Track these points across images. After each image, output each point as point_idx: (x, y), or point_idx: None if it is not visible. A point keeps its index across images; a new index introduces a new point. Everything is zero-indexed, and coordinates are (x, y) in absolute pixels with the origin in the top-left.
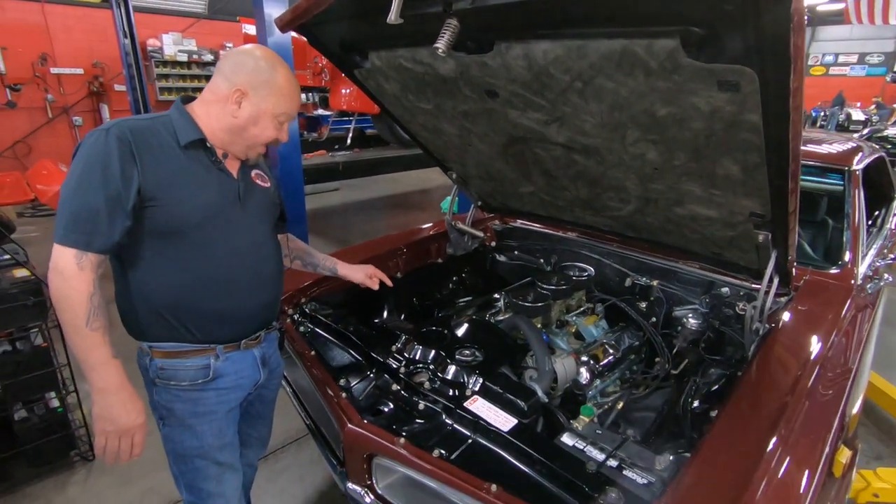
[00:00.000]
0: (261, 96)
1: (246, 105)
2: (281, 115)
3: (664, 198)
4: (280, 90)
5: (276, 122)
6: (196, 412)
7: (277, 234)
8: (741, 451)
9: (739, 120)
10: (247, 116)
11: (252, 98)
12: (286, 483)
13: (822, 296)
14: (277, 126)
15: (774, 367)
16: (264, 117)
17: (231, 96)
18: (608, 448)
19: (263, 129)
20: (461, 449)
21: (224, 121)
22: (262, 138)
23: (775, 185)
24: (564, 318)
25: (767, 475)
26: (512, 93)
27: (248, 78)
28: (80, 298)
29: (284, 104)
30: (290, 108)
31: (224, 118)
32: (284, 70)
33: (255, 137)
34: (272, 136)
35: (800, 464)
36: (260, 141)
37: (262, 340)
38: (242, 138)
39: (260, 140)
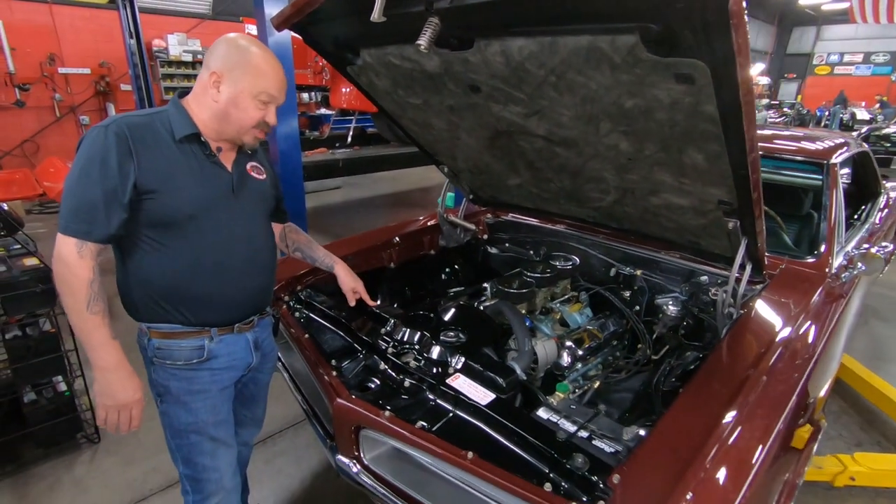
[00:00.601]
0: (236, 77)
1: (224, 88)
2: (261, 94)
3: (640, 188)
4: (255, 69)
5: (258, 102)
6: (191, 390)
7: (280, 225)
8: (699, 422)
9: (698, 111)
10: (226, 99)
11: (228, 80)
12: (283, 464)
13: (794, 284)
14: (259, 106)
15: (740, 347)
16: (242, 97)
17: (209, 81)
18: (580, 421)
19: (245, 110)
20: (442, 422)
21: (209, 108)
22: (246, 120)
23: (738, 173)
24: (549, 306)
25: (720, 441)
26: (493, 87)
27: (222, 61)
28: (81, 284)
29: (262, 82)
30: (268, 86)
31: (208, 105)
32: (259, 49)
33: (239, 120)
34: (256, 116)
35: (753, 433)
36: (246, 123)
37: (255, 325)
38: (229, 123)
39: (245, 122)
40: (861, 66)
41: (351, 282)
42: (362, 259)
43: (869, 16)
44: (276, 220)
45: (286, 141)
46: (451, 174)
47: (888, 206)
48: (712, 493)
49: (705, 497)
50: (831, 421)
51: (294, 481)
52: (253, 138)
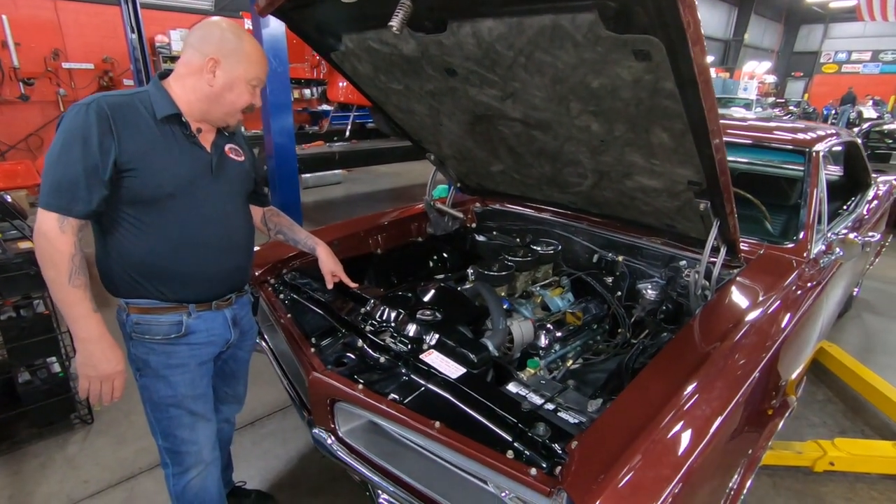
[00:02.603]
0: (232, 63)
1: (220, 73)
2: (253, 80)
3: (614, 170)
4: (249, 56)
5: (250, 87)
6: (169, 364)
7: (261, 209)
8: (659, 392)
9: (658, 88)
10: (222, 84)
11: (224, 65)
12: (270, 445)
13: (771, 268)
14: (251, 91)
15: (708, 326)
16: (238, 83)
17: (205, 66)
18: (547, 394)
19: (239, 95)
20: (414, 395)
21: (201, 91)
22: (238, 104)
23: (704, 152)
24: (530, 290)
25: (676, 409)
26: (468, 70)
27: (218, 47)
28: (63, 258)
29: (255, 69)
30: (260, 73)
31: (200, 88)
32: (249, 38)
33: (231, 104)
34: (248, 100)
35: (710, 403)
36: (237, 107)
37: (233, 303)
38: (220, 105)
39: (237, 106)
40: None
41: (331, 264)
42: (348, 245)
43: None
44: (256, 203)
45: (281, 134)
46: (437, 161)
47: (877, 197)
48: (663, 456)
49: (655, 459)
50: (816, 410)
51: (280, 462)
52: (237, 120)
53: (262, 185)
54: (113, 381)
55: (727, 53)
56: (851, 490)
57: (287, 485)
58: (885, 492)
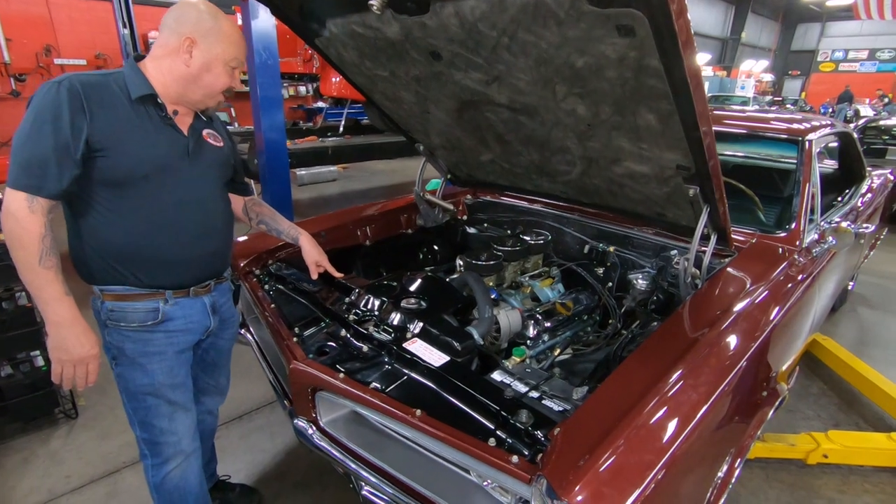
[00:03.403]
0: (209, 43)
1: (197, 53)
2: (232, 61)
3: (602, 157)
4: (227, 36)
5: (228, 68)
6: (146, 352)
7: (242, 197)
8: (644, 379)
9: (643, 66)
10: (199, 64)
11: (202, 46)
12: (258, 439)
13: (762, 256)
14: (230, 72)
15: (696, 315)
16: (216, 63)
17: (181, 46)
18: (532, 382)
19: (217, 76)
20: (396, 384)
21: (177, 71)
22: (217, 85)
23: (690, 135)
24: (519, 280)
25: (660, 396)
26: (453, 53)
27: (194, 27)
28: (32, 239)
29: (233, 49)
30: (238, 53)
31: (177, 69)
32: (227, 18)
33: (210, 85)
34: (226, 82)
35: (696, 390)
36: (216, 88)
37: (211, 289)
38: (198, 87)
39: (215, 87)
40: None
41: (315, 254)
42: (336, 236)
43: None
44: (236, 191)
45: (271, 129)
46: (427, 152)
47: (872, 190)
48: (646, 442)
49: (638, 445)
50: (810, 403)
51: (267, 456)
52: (216, 102)
53: (241, 173)
54: (87, 365)
55: (724, 52)
56: (845, 482)
57: (273, 478)
58: (878, 484)
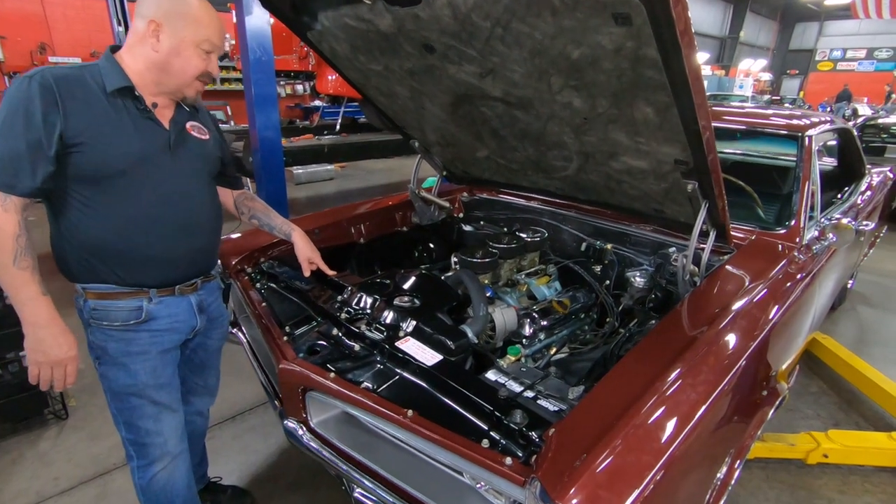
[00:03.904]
0: (177, 26)
1: (164, 37)
2: (203, 43)
3: (599, 151)
4: (195, 17)
5: (200, 52)
6: (129, 351)
7: (233, 191)
8: (641, 378)
9: (640, 56)
10: (167, 49)
11: (168, 28)
12: (250, 440)
13: (762, 253)
14: (202, 56)
15: (694, 313)
16: (185, 47)
17: (148, 31)
18: (527, 381)
19: (188, 60)
20: (388, 384)
21: (147, 58)
22: (189, 70)
23: (689, 128)
24: (515, 278)
25: (658, 395)
26: (446, 46)
27: (158, 9)
28: (6, 238)
29: (203, 30)
30: (210, 35)
31: (146, 55)
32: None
33: (182, 71)
34: (199, 66)
35: (695, 389)
36: (189, 73)
37: (198, 288)
38: (169, 74)
39: (188, 72)
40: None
41: (307, 251)
42: (330, 234)
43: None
44: (225, 185)
45: (266, 127)
46: (422, 149)
47: (871, 188)
48: (644, 442)
49: (635, 445)
50: (810, 402)
51: (260, 457)
52: (195, 90)
53: (231, 166)
54: (65, 366)
55: (722, 51)
56: (845, 482)
57: (266, 480)
58: (879, 484)
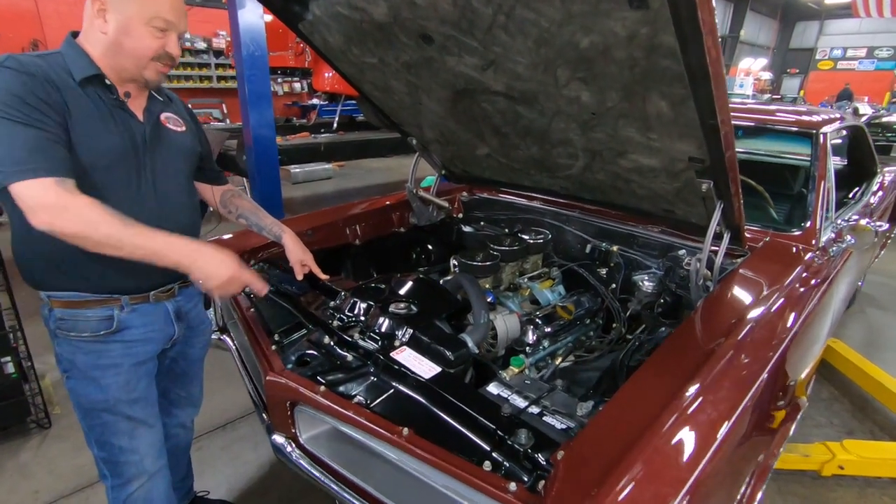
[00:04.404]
0: (121, 3)
1: (110, 17)
2: (154, 20)
3: (607, 149)
4: None
5: (152, 29)
6: (99, 364)
7: (220, 188)
8: (657, 394)
9: (656, 44)
10: (115, 28)
11: (112, 7)
12: (241, 450)
13: (777, 256)
14: (156, 33)
15: (710, 321)
16: (134, 25)
17: (94, 11)
18: (532, 396)
19: (139, 39)
20: (382, 397)
21: (101, 42)
22: (142, 50)
23: (706, 123)
24: (518, 282)
25: (678, 414)
26: (445, 35)
27: None
28: (99, 210)
29: (152, 6)
30: (161, 10)
31: (99, 39)
32: None
33: (134, 51)
34: (152, 45)
35: (717, 406)
36: (142, 54)
37: (175, 294)
38: (123, 56)
39: (141, 53)
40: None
41: (299, 253)
42: (324, 235)
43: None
44: (208, 181)
45: (260, 124)
46: (420, 147)
47: (883, 187)
48: (665, 467)
49: (656, 470)
50: (821, 409)
51: (250, 468)
52: (155, 72)
53: (210, 159)
54: (241, 277)
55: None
56: (861, 496)
57: (256, 494)
58: None
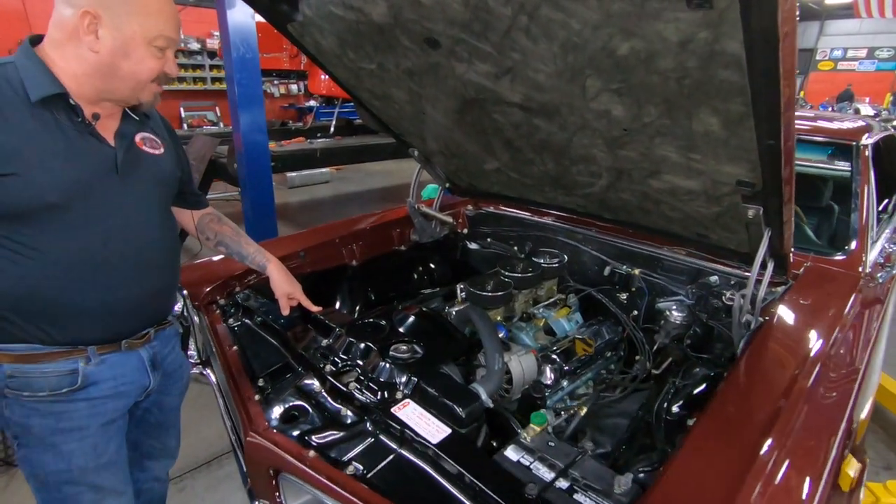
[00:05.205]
0: (120, 18)
1: (105, 33)
2: (156, 39)
3: (637, 168)
4: (144, 5)
5: (153, 49)
6: (60, 428)
7: (198, 213)
8: (723, 463)
9: (716, 51)
10: (111, 48)
11: (108, 22)
12: (227, 492)
13: (824, 285)
14: (157, 53)
15: (766, 365)
16: (135, 45)
17: (81, 25)
18: (559, 465)
19: (139, 62)
20: (382, 465)
21: (85, 60)
22: (143, 73)
23: (765, 143)
24: (531, 311)
25: (762, 481)
26: (453, 39)
27: None
28: None
29: (155, 23)
30: (164, 28)
31: (83, 57)
32: None
33: (134, 75)
34: (153, 68)
35: (801, 471)
36: (141, 77)
37: (151, 339)
38: (119, 79)
39: (140, 77)
40: (865, 61)
41: (286, 285)
42: (318, 255)
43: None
44: (186, 205)
45: (251, 129)
46: (422, 158)
47: None
48: None
49: None
50: None
51: None
52: (152, 94)
53: (191, 182)
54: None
55: None
56: None
57: None
58: None
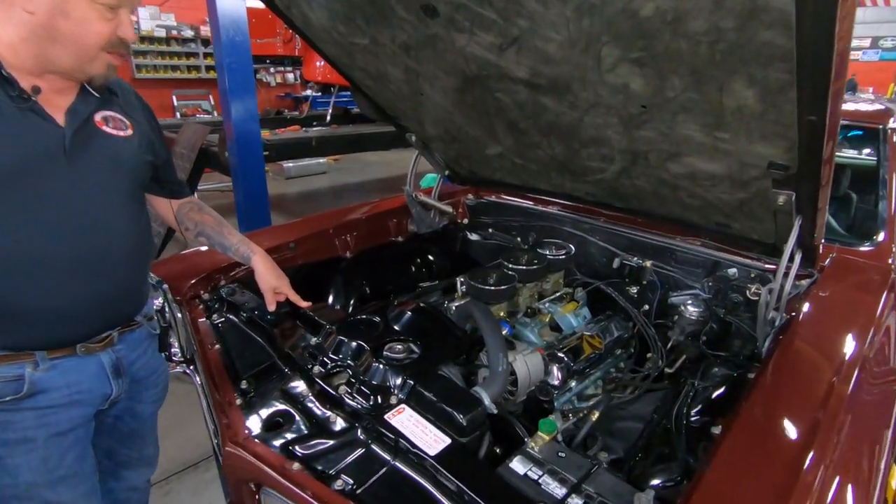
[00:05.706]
0: None
1: None
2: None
3: (655, 150)
4: None
5: (99, 9)
6: (5, 440)
7: (176, 202)
8: (761, 481)
9: (759, 7)
10: (47, 7)
11: None
12: (215, 496)
13: (852, 279)
14: (104, 13)
15: (798, 368)
16: (74, 3)
17: None
18: (571, 479)
19: (81, 23)
20: (373, 479)
21: (20, 23)
22: (88, 38)
23: (805, 120)
24: (536, 306)
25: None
26: (454, 6)
27: None
28: None
29: None
30: None
31: (17, 20)
32: None
33: (77, 38)
34: (101, 31)
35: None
36: (88, 43)
37: (114, 342)
38: (60, 45)
39: (87, 42)
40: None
41: (272, 279)
42: (310, 246)
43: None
44: (164, 194)
45: (243, 117)
46: (420, 144)
47: None
48: None
49: None
50: None
51: None
52: (104, 65)
53: (168, 168)
54: None
55: None
56: None
57: None
58: None
